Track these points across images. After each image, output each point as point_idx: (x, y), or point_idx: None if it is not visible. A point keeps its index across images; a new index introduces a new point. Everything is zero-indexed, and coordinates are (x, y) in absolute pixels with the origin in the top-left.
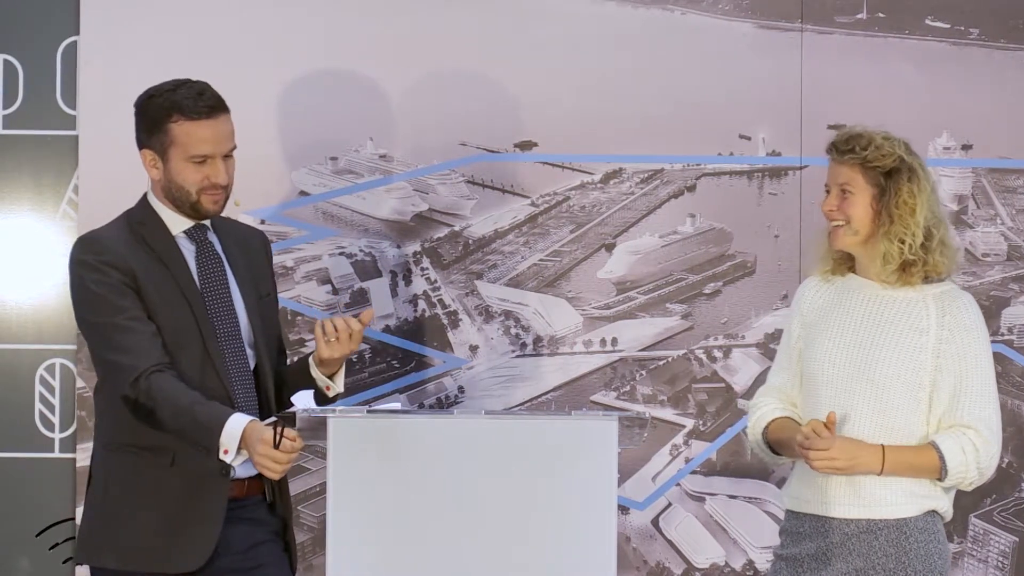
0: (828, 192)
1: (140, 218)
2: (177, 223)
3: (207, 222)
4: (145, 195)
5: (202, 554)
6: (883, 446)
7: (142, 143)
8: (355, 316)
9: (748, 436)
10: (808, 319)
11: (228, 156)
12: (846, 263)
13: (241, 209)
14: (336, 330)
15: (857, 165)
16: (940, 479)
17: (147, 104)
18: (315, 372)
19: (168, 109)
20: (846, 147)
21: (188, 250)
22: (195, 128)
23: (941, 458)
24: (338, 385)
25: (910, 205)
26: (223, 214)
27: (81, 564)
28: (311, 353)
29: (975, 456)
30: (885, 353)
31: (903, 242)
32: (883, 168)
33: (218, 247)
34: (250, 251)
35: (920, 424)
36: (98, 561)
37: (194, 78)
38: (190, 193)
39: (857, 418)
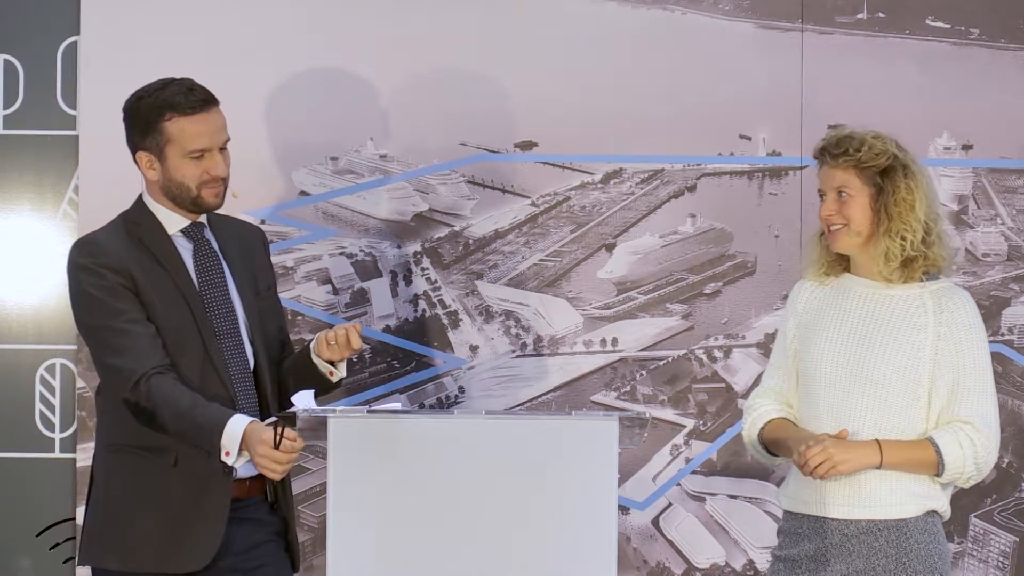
0: (822, 197)
1: (136, 219)
2: (174, 222)
3: (203, 220)
4: (140, 196)
5: (206, 554)
6: (877, 440)
7: (136, 146)
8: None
9: (744, 437)
10: (804, 319)
11: (223, 148)
12: (841, 263)
13: (241, 208)
14: (336, 338)
15: (851, 167)
16: (937, 474)
17: (137, 106)
18: (316, 360)
19: (160, 108)
20: (838, 150)
21: (185, 249)
22: (190, 123)
23: (938, 453)
24: (341, 370)
25: (908, 201)
26: (222, 209)
27: (84, 565)
28: (310, 342)
29: (972, 451)
30: (883, 351)
31: (904, 239)
32: (878, 167)
33: (215, 245)
34: (247, 246)
35: (919, 421)
36: (101, 562)
37: (193, 77)
38: (190, 188)
39: (856, 417)
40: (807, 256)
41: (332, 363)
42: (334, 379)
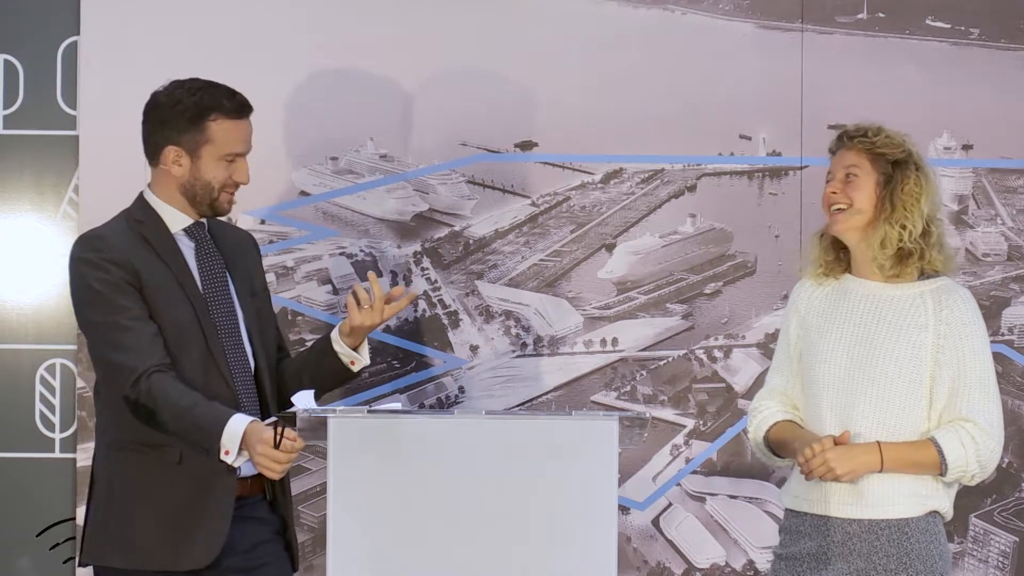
0: (830, 180)
1: (139, 216)
2: (177, 221)
3: (204, 221)
4: (142, 194)
5: (210, 552)
6: (879, 443)
7: (168, 140)
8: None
9: (750, 439)
10: (807, 321)
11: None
12: (840, 264)
13: (241, 209)
14: (371, 296)
15: (865, 151)
16: (942, 474)
17: (175, 99)
18: (339, 346)
19: (207, 108)
20: (857, 133)
21: (188, 248)
22: (234, 127)
23: (940, 453)
24: (364, 357)
25: (915, 194)
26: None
27: (87, 564)
28: (334, 328)
29: (975, 449)
30: (885, 352)
31: (904, 228)
32: (891, 157)
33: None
34: (242, 250)
35: (922, 421)
36: (103, 560)
37: (193, 78)
38: (214, 190)
39: (860, 418)
40: (807, 254)
41: (355, 349)
42: (355, 368)
